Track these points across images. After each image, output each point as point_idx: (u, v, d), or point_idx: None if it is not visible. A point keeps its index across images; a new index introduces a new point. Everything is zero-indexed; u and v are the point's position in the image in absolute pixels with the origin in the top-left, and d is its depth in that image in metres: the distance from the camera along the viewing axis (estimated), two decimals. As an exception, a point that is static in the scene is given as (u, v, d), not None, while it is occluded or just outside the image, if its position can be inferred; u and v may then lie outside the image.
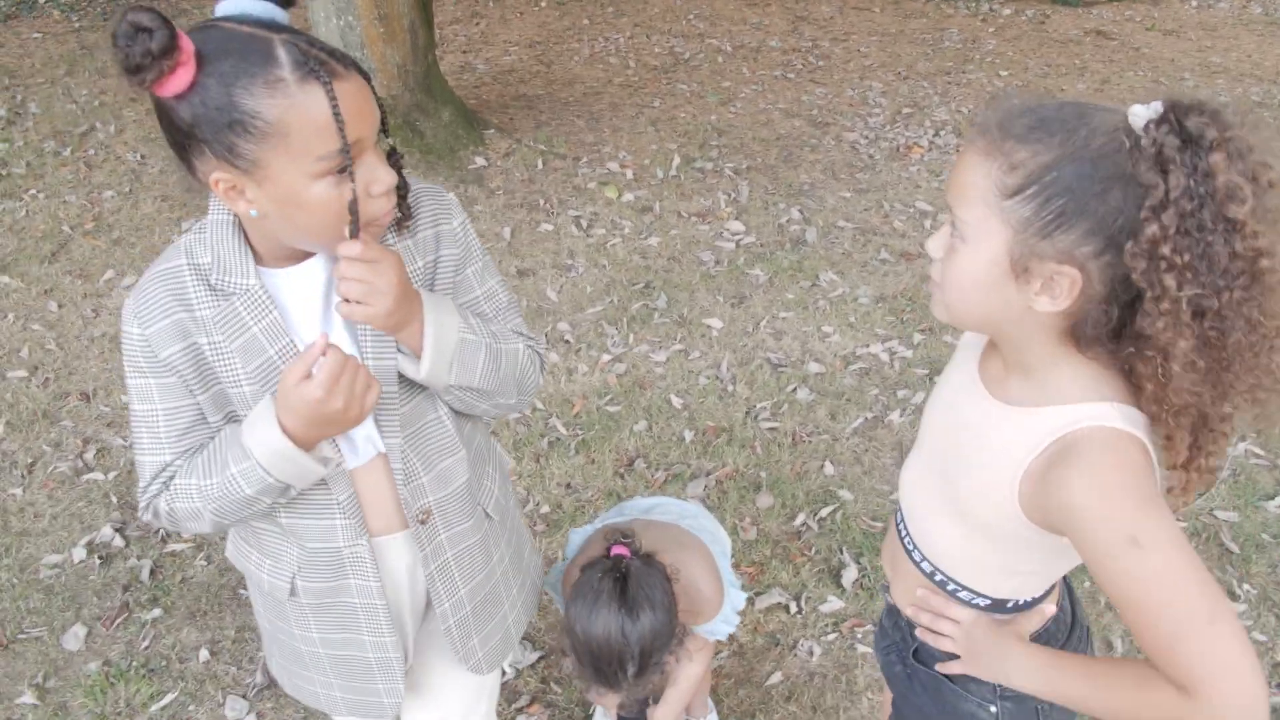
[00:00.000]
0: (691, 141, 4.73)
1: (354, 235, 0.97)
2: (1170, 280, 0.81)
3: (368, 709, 1.33)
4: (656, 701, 1.84)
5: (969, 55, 6.15)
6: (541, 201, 4.13)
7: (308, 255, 1.08)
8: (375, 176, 0.97)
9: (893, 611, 1.29)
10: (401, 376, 1.12)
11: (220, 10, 0.94)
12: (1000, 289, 0.89)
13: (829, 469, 2.70)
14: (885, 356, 3.17)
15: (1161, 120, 0.81)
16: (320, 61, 0.90)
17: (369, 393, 1.02)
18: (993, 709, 1.13)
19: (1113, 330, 0.89)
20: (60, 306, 3.43)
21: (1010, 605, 1.10)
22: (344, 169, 0.94)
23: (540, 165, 4.42)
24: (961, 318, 0.96)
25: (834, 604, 2.29)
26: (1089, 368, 0.92)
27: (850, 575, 2.35)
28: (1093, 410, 0.90)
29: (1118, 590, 0.86)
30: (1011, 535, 0.99)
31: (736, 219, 4.03)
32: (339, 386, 0.98)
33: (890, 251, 3.80)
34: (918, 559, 1.15)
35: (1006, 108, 0.88)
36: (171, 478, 1.12)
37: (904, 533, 1.19)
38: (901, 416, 2.89)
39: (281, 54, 0.89)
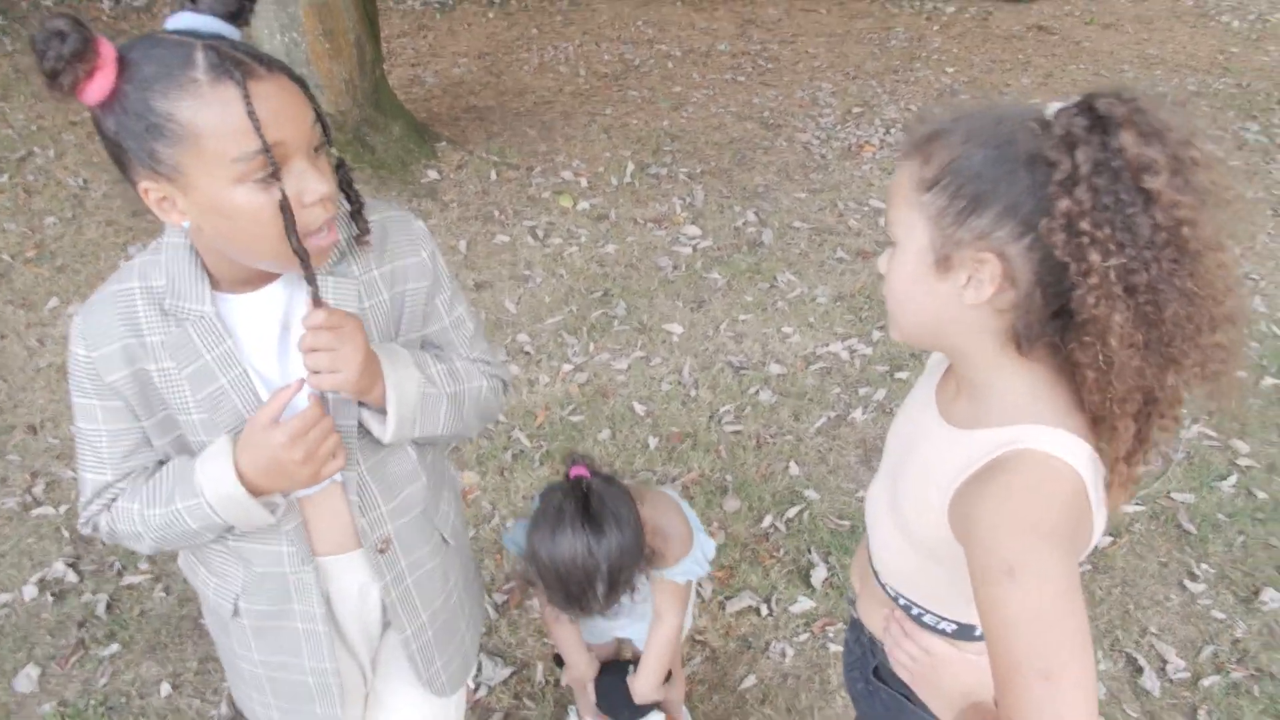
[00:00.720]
0: (645, 148, 4.74)
1: (292, 239, 0.93)
2: (1094, 254, 0.79)
3: None
4: (635, 669, 1.80)
5: (915, 53, 6.23)
6: (496, 213, 4.10)
7: (266, 280, 1.05)
8: (305, 185, 0.93)
9: (856, 626, 1.27)
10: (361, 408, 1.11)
11: (168, 25, 0.92)
12: (931, 286, 0.88)
13: (794, 469, 2.70)
14: (845, 355, 3.18)
15: (1072, 105, 0.81)
16: (236, 62, 0.87)
17: (332, 461, 1.01)
18: None
19: (1050, 323, 0.87)
20: (2, 337, 3.33)
21: (979, 633, 1.06)
22: (270, 174, 0.90)
23: (494, 176, 4.39)
24: (906, 329, 0.95)
25: (804, 604, 2.29)
26: (1031, 380, 0.91)
27: (820, 574, 2.36)
28: (1026, 432, 0.88)
29: (982, 615, 0.84)
30: (950, 556, 0.95)
31: (692, 223, 4.03)
32: (304, 439, 0.98)
33: (846, 250, 3.83)
34: (882, 580, 1.13)
35: (930, 114, 0.90)
36: (114, 499, 1.10)
37: (871, 553, 1.17)
38: (864, 414, 2.91)
39: (199, 57, 0.87)
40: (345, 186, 1.04)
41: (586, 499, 1.41)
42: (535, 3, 7.29)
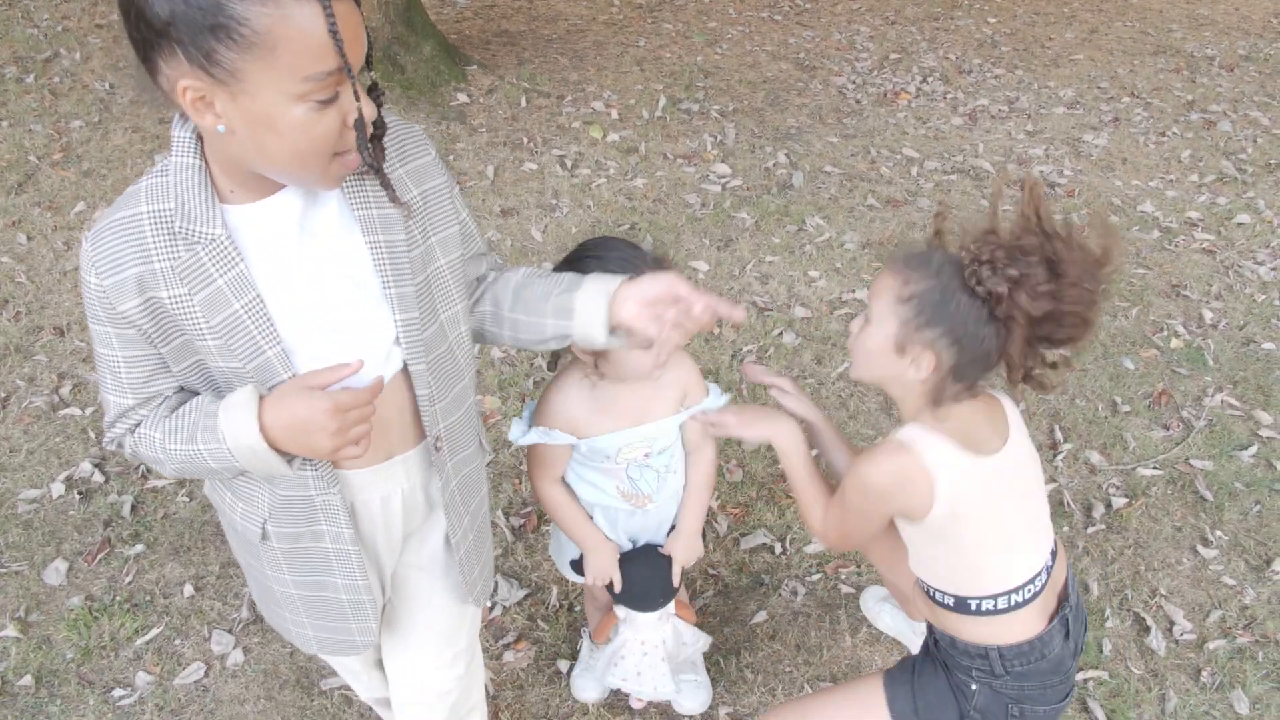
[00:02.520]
0: (677, 82, 4.65)
1: (365, 155, 0.94)
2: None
3: (339, 647, 1.33)
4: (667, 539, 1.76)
5: (957, 1, 6.07)
6: (525, 140, 4.06)
7: (277, 187, 1.03)
8: (355, 108, 0.93)
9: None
10: (420, 302, 1.12)
11: None
12: (888, 358, 1.31)
13: (814, 413, 2.71)
14: (871, 303, 3.17)
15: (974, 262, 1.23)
16: None
17: (354, 445, 1.03)
18: (973, 686, 1.41)
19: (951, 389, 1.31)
20: (30, 239, 3.34)
21: (975, 606, 1.37)
22: (331, 98, 0.90)
23: (524, 103, 4.33)
24: (863, 375, 1.38)
25: (818, 545, 2.32)
26: (927, 418, 1.32)
27: (834, 518, 2.38)
28: (902, 431, 1.33)
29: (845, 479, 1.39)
30: (944, 535, 1.35)
31: (723, 162, 3.98)
32: (345, 415, 0.99)
33: (877, 198, 3.79)
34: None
35: (909, 249, 1.32)
36: (137, 424, 1.10)
37: None
38: (886, 362, 2.90)
39: None
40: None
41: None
42: (571, -73, 7.11)
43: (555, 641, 2.11)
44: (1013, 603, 1.35)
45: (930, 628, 1.50)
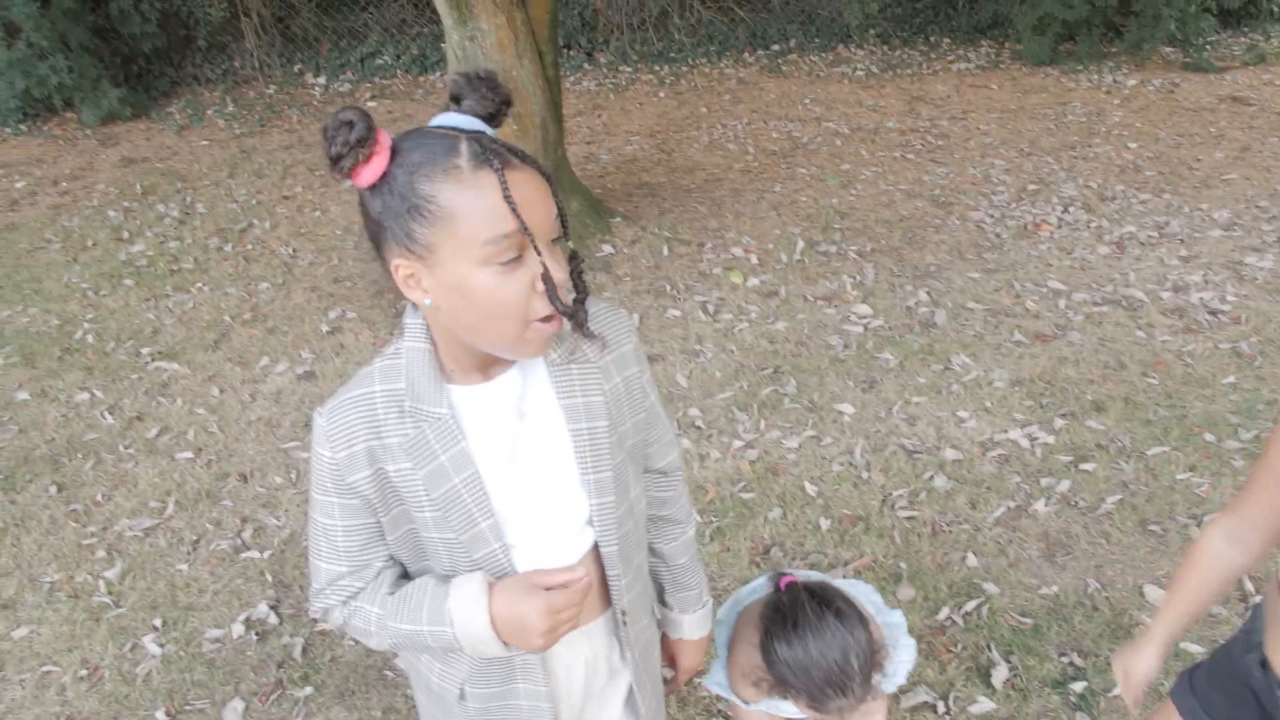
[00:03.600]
0: (814, 225, 4.77)
1: (556, 303, 1.00)
2: None
3: None
4: None
5: (1094, 129, 6.03)
6: (668, 287, 4.22)
7: (499, 368, 1.10)
8: (541, 268, 0.99)
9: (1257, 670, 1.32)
10: (616, 486, 1.18)
11: (433, 123, 1.01)
12: None
13: (972, 560, 2.61)
14: (1025, 443, 3.06)
15: None
16: (495, 152, 0.96)
17: (556, 642, 1.11)
18: None
19: None
20: (221, 392, 3.68)
21: None
22: (513, 259, 0.97)
23: (665, 251, 4.53)
24: None
25: (984, 705, 2.19)
26: None
27: (1001, 674, 2.25)
28: None
29: None
30: None
31: (863, 302, 4.01)
32: (556, 616, 1.07)
33: (1024, 333, 3.71)
34: None
35: None
36: (352, 596, 1.16)
37: None
38: (1047, 506, 2.78)
39: (463, 147, 0.96)
40: (576, 277, 1.08)
41: (814, 599, 1.45)
42: (704, 82, 7.54)
43: (710, 802, 2.05)
44: None
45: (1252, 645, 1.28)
